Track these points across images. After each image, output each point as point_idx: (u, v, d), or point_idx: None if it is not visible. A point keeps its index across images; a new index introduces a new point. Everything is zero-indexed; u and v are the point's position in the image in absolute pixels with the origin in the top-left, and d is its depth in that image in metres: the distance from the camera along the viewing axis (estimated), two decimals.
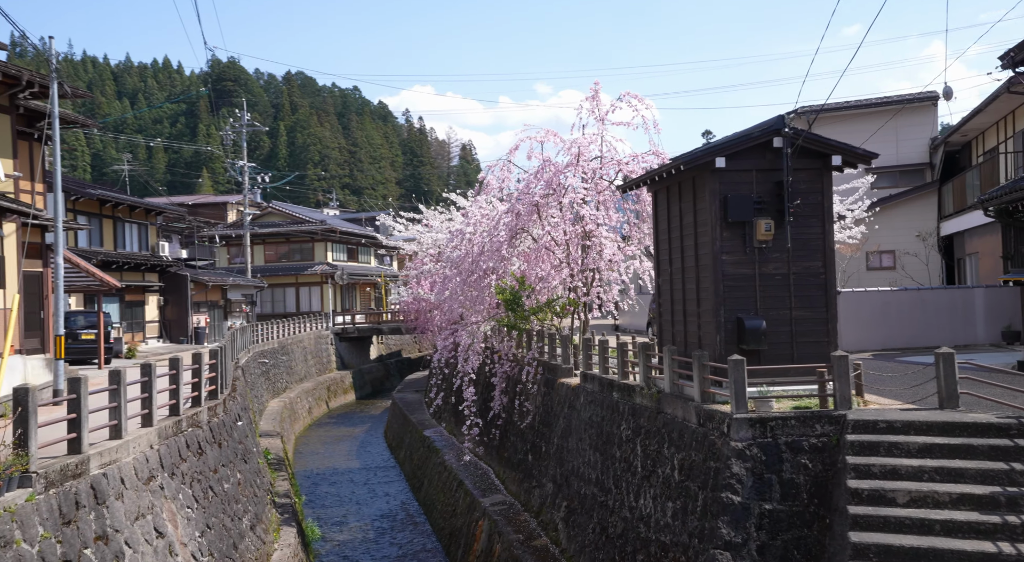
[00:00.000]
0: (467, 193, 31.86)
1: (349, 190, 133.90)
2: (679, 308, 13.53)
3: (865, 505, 8.94)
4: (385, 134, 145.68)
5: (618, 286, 20.19)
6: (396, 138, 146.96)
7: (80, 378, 11.19)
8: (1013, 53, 23.79)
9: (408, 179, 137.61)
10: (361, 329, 51.13)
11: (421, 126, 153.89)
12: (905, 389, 12.91)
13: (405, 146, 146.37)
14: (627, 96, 20.96)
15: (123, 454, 12.13)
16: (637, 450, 13.57)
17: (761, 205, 12.02)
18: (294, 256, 62.42)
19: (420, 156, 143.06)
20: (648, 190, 15.02)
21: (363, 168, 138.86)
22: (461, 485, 21.79)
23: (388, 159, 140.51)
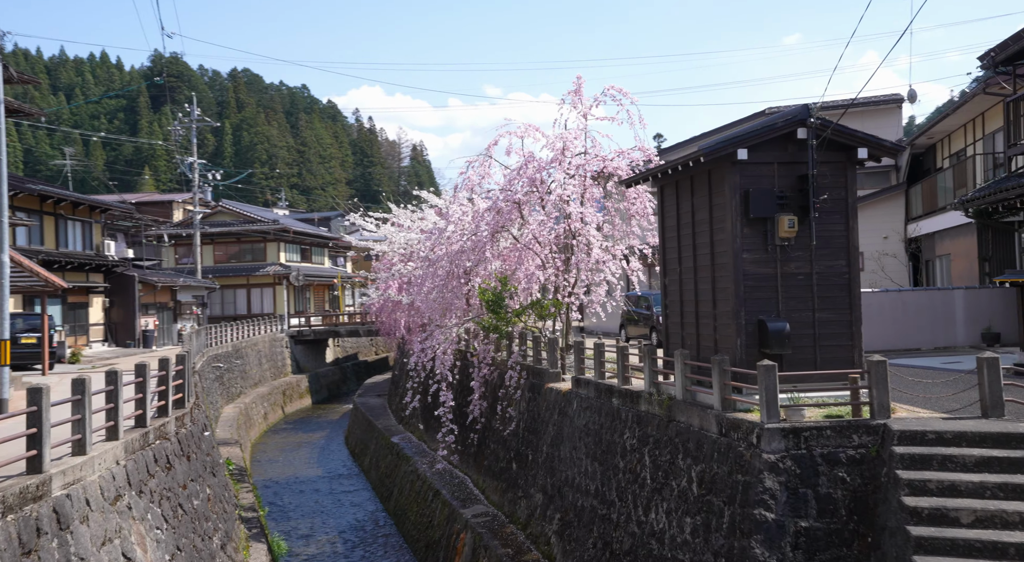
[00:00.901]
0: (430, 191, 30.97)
1: (298, 190, 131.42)
2: (691, 310, 12.78)
3: (926, 525, 8.22)
4: (335, 133, 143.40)
5: (604, 287, 19.40)
6: (346, 138, 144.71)
7: (42, 388, 10.00)
8: (994, 53, 23.60)
9: (358, 179, 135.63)
10: (317, 332, 49.68)
11: (371, 126, 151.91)
12: (918, 395, 12.33)
13: (355, 146, 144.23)
14: (611, 90, 20.17)
15: (88, 472, 10.94)
16: (645, 460, 12.76)
17: (783, 200, 11.31)
18: (245, 256, 60.61)
19: (370, 156, 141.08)
20: (652, 185, 14.26)
21: (312, 168, 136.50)
22: (438, 495, 20.80)
23: (338, 159, 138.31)
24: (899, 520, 8.51)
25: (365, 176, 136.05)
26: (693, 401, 11.94)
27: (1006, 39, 22.84)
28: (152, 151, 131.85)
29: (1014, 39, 22.00)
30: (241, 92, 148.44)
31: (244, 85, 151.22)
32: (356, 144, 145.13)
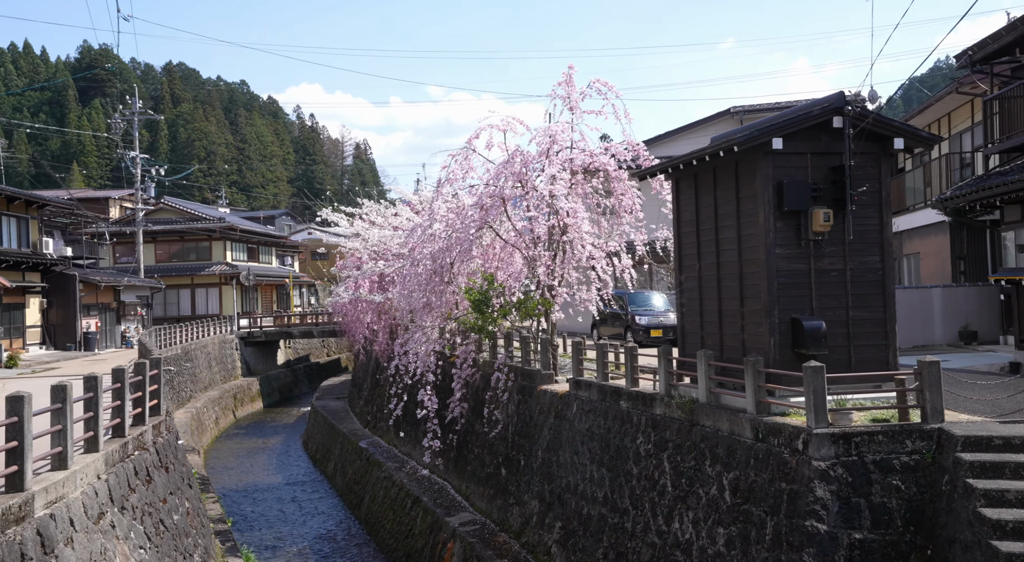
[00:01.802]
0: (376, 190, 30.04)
1: (237, 188, 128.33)
2: (712, 308, 12.20)
3: (1011, 540, 7.71)
4: (276, 131, 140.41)
5: (597, 285, 18.77)
6: (287, 135, 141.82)
7: (23, 396, 8.95)
8: (971, 52, 23.65)
9: (300, 177, 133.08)
10: (268, 333, 48.17)
11: (313, 124, 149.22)
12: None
13: (297, 144, 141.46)
14: (596, 83, 19.61)
15: (70, 488, 9.91)
16: (664, 467, 12.15)
17: (817, 193, 10.79)
18: (189, 255, 58.66)
19: (313, 154, 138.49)
20: (667, 179, 13.65)
21: (253, 165, 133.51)
22: (418, 502, 19.94)
23: (279, 156, 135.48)
24: (977, 534, 8.00)
25: (308, 174, 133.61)
26: (718, 404, 11.38)
27: (985, 38, 22.88)
28: (81, 146, 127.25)
29: (993, 38, 22.04)
30: (177, 86, 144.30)
31: (179, 79, 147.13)
32: (298, 142, 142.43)
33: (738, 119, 34.80)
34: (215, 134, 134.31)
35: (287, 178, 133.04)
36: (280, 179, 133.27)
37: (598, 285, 18.69)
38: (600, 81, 19.61)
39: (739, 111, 35.04)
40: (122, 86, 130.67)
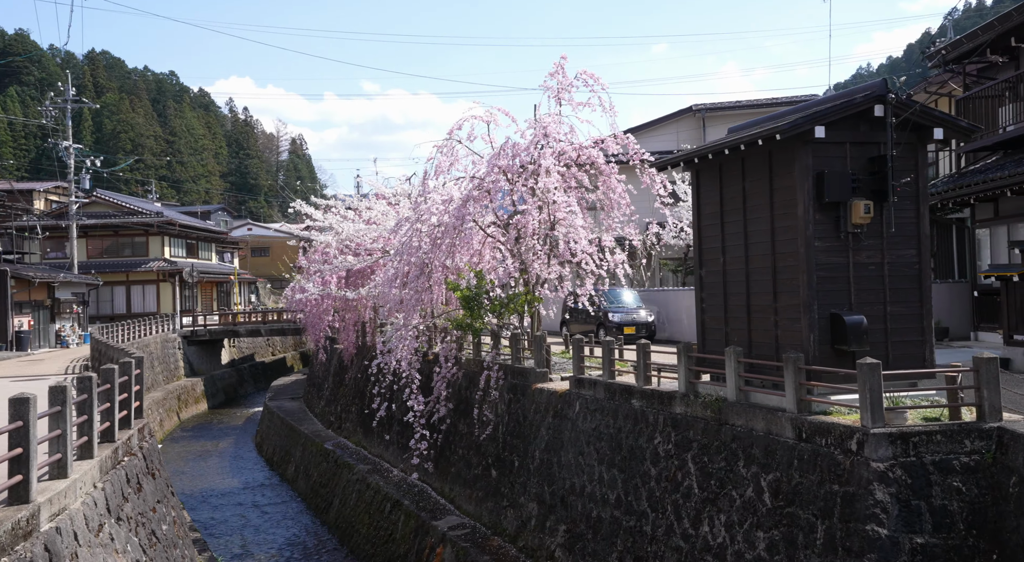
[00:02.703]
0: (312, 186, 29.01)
1: (167, 182, 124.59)
2: (739, 304, 11.83)
3: None
4: (208, 124, 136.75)
5: (591, 279, 18.31)
6: (220, 129, 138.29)
7: (28, 398, 8.07)
8: (944, 51, 23.93)
9: (234, 172, 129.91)
10: (213, 332, 46.53)
11: (247, 117, 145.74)
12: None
13: (230, 138, 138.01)
14: (583, 75, 19.18)
15: (71, 499, 9.05)
16: (689, 467, 11.74)
17: (856, 184, 10.50)
18: (124, 251, 56.47)
19: (247, 149, 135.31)
20: (685, 169, 13.25)
21: (183, 159, 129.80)
22: (398, 506, 19.23)
23: (211, 150, 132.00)
24: None
25: (241, 169, 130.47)
26: (747, 402, 11.02)
27: (958, 38, 23.16)
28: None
29: (968, 38, 22.30)
30: (100, 76, 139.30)
31: (103, 68, 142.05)
32: (231, 136, 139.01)
33: (700, 117, 34.88)
34: (143, 126, 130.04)
35: (220, 173, 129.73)
36: (212, 174, 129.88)
37: (591, 280, 18.24)
38: (587, 73, 19.20)
39: (701, 109, 35.10)
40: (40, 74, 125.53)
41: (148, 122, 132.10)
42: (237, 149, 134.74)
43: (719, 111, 35.08)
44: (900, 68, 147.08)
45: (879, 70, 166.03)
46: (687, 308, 26.90)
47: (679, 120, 35.23)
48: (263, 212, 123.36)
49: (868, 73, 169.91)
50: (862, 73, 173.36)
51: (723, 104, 36.00)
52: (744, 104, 36.03)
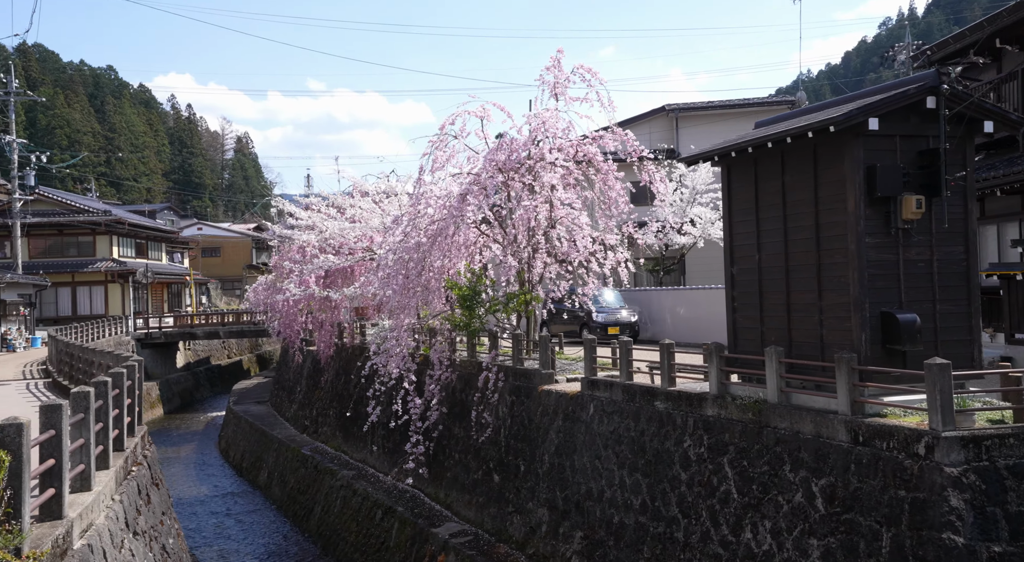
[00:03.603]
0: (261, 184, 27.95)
1: (106, 180, 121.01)
2: (778, 301, 11.51)
3: None
4: (149, 121, 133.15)
5: (594, 280, 17.92)
6: (162, 126, 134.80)
7: (61, 405, 7.34)
8: (930, 52, 24.07)
9: (177, 170, 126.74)
10: (168, 334, 45.00)
11: (190, 114, 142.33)
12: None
13: (173, 135, 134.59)
14: (580, 69, 18.81)
15: (96, 513, 8.33)
16: (725, 472, 11.39)
17: (908, 178, 10.26)
18: (69, 250, 54.39)
19: (191, 147, 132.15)
20: (716, 164, 12.90)
21: (124, 157, 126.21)
22: (391, 512, 18.59)
23: (153, 148, 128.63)
24: None
25: (185, 167, 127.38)
26: (789, 404, 10.71)
27: (946, 38, 23.31)
28: None
29: (956, 38, 22.45)
30: (33, 69, 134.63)
31: (36, 62, 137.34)
32: (174, 133, 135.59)
33: (672, 117, 34.81)
34: (80, 122, 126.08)
35: (162, 171, 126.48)
36: (155, 172, 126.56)
37: (594, 279, 17.86)
38: (584, 67, 18.83)
39: (674, 109, 35.03)
40: None
41: (85, 118, 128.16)
42: (180, 147, 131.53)
43: (692, 111, 35.08)
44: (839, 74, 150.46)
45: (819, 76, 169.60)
46: (670, 307, 26.73)
47: (652, 120, 35.12)
48: (208, 211, 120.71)
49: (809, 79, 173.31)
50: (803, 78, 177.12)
51: (696, 104, 36.01)
52: (716, 105, 36.07)
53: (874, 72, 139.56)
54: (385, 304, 19.12)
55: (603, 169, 18.38)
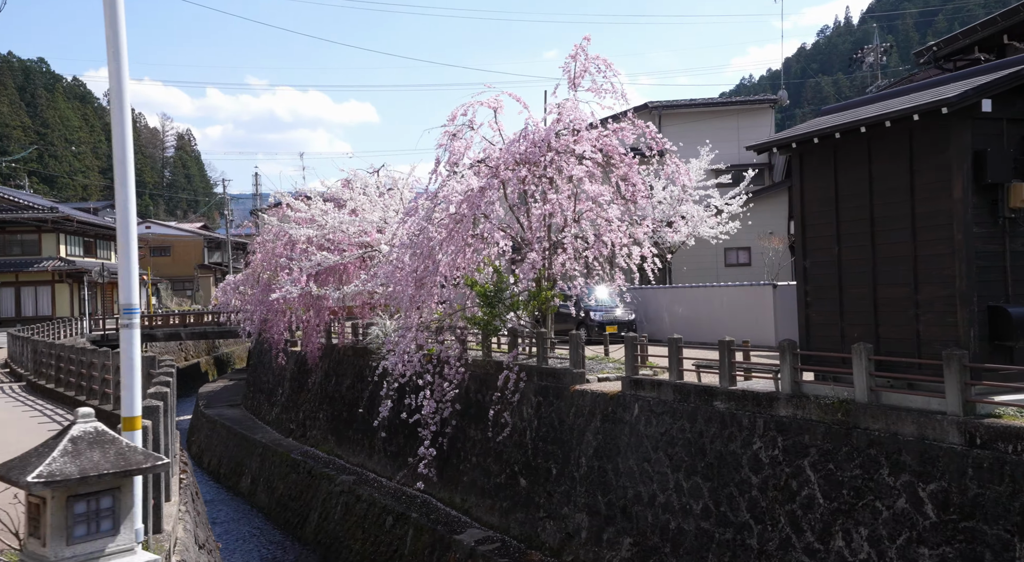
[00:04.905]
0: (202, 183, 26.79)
1: (39, 177, 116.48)
2: (862, 295, 10.99)
3: None
4: (84, 116, 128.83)
5: (620, 276, 17.28)
6: (98, 122, 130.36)
7: (159, 406, 6.41)
8: (936, 48, 24.01)
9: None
10: None
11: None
12: None
13: (110, 131, 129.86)
14: (596, 60, 18.24)
15: (179, 526, 7.37)
16: (807, 475, 10.83)
17: (1017, 163, 9.83)
18: (12, 249, 51.82)
19: None
20: (784, 153, 12.34)
21: (57, 153, 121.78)
22: (403, 518, 17.70)
23: (89, 144, 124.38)
24: None
25: None
26: (881, 404, 10.20)
27: (955, 34, 23.24)
28: None
29: (965, 34, 22.39)
30: None
31: None
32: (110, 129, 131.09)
33: (656, 114, 34.47)
34: (8, 116, 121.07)
35: (99, 168, 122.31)
36: (91, 169, 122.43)
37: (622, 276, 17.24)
38: (600, 58, 18.28)
39: (657, 106, 34.71)
40: None
41: (15, 112, 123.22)
42: None
43: (675, 109, 34.81)
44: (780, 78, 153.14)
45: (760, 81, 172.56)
46: (667, 306, 26.27)
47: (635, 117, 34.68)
48: (150, 211, 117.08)
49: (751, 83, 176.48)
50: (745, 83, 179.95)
51: (679, 101, 35.71)
52: (700, 102, 35.85)
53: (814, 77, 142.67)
54: (391, 301, 18.20)
55: (625, 162, 17.82)
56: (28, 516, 4.11)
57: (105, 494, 4.10)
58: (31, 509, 4.08)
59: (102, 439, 4.22)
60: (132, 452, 4.21)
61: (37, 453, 4.11)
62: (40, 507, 4.00)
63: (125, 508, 4.17)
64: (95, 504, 4.08)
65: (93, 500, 4.06)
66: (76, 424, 4.28)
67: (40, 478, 3.87)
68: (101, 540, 4.08)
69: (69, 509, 4.00)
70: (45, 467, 3.91)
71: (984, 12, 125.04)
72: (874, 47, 43.14)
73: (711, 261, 32.39)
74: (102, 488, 4.08)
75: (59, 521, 3.95)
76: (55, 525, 3.94)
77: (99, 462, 4.04)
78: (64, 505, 3.98)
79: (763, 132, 35.77)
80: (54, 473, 3.90)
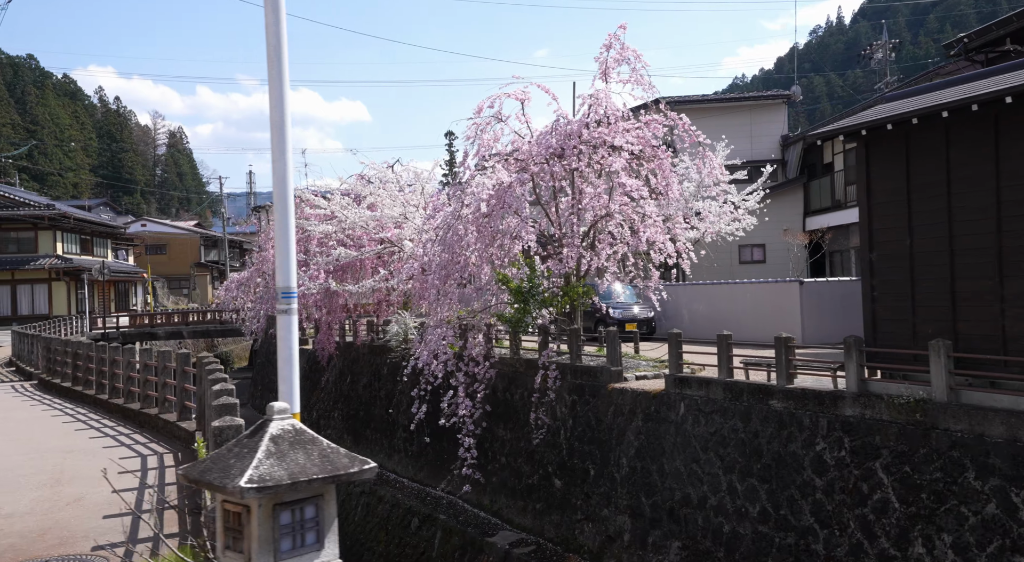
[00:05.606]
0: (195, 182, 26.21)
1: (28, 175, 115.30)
2: (937, 289, 10.54)
3: None
4: (75, 113, 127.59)
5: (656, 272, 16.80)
6: (89, 119, 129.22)
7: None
8: (967, 40, 23.56)
9: (106, 165, 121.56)
10: (128, 335, 42.33)
11: (119, 107, 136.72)
12: None
13: (101, 129, 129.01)
14: (625, 51, 17.79)
15: None
16: (879, 478, 10.38)
17: None
18: (8, 247, 51.12)
19: (121, 141, 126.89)
20: (850, 141, 11.87)
21: (47, 150, 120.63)
22: (430, 520, 17.19)
23: (80, 142, 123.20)
24: None
25: (115, 162, 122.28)
26: (961, 403, 9.74)
27: (988, 25, 22.79)
28: None
29: (999, 25, 21.97)
30: None
31: None
32: (102, 127, 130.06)
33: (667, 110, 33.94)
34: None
35: (90, 166, 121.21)
36: (81, 167, 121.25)
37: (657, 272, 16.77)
38: (629, 48, 17.84)
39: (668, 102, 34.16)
40: None
41: (4, 109, 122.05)
42: (109, 141, 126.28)
43: (686, 105, 34.31)
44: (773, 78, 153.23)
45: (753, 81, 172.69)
46: (686, 303, 25.80)
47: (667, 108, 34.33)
48: (142, 209, 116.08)
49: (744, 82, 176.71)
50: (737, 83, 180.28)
51: (690, 97, 35.27)
52: (711, 99, 35.44)
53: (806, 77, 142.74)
54: (418, 299, 17.67)
55: (658, 155, 17.37)
56: (224, 526, 3.59)
57: (308, 502, 3.59)
58: (229, 519, 3.56)
59: (302, 439, 3.72)
60: (336, 454, 3.71)
61: (232, 454, 3.60)
62: (242, 516, 3.48)
63: (328, 519, 3.66)
64: (299, 514, 3.57)
65: (298, 509, 3.56)
66: (272, 421, 3.77)
67: (252, 483, 3.35)
68: (306, 555, 3.58)
69: (276, 519, 3.48)
70: (253, 470, 3.40)
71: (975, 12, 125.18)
72: (882, 43, 42.75)
73: (725, 258, 31.94)
74: (307, 495, 3.57)
75: (266, 533, 3.44)
76: (262, 538, 3.43)
77: (305, 465, 3.54)
78: (271, 514, 3.46)
79: (776, 128, 35.39)
80: (264, 477, 3.38)
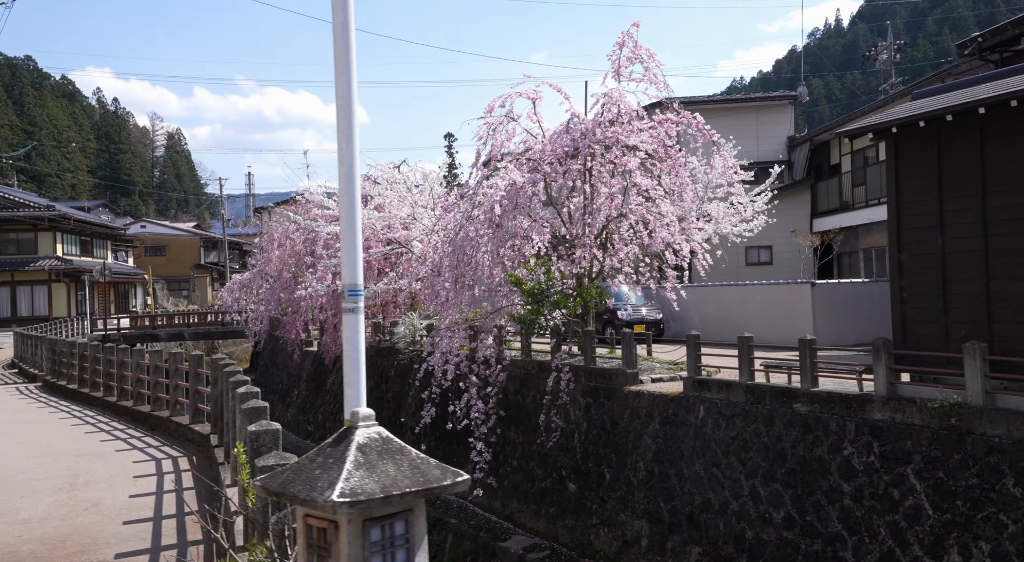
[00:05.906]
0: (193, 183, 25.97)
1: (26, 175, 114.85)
2: (971, 290, 10.30)
3: None
4: (73, 115, 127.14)
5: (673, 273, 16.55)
6: (87, 121, 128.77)
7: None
8: (981, 39, 23.30)
9: (104, 167, 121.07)
10: (129, 336, 41.95)
11: (117, 109, 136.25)
12: None
13: (99, 130, 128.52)
14: (639, 49, 17.58)
15: None
16: (911, 483, 10.12)
17: None
18: (8, 248, 50.76)
19: (119, 143, 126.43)
20: (880, 139, 11.62)
21: (45, 152, 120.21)
22: (441, 524, 16.96)
23: (78, 143, 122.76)
24: None
25: (113, 164, 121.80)
26: (998, 408, 9.50)
27: (1003, 23, 22.54)
28: None
29: (1014, 23, 21.71)
30: None
31: None
32: (100, 128, 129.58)
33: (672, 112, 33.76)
34: None
35: (88, 167, 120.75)
36: (79, 168, 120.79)
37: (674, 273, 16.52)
38: (642, 46, 17.62)
39: (685, 101, 33.99)
40: None
41: (2, 109, 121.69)
42: (108, 143, 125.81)
43: (694, 106, 34.06)
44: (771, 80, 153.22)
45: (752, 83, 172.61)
46: (695, 305, 25.53)
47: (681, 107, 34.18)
48: (139, 210, 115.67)
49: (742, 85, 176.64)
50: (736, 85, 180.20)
51: (698, 98, 35.04)
52: (718, 99, 35.26)
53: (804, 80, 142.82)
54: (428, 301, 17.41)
55: (671, 155, 17.15)
56: (307, 543, 3.31)
57: (398, 518, 3.31)
58: (314, 534, 3.27)
59: (390, 448, 3.44)
60: (426, 465, 3.43)
61: (316, 464, 3.32)
62: (328, 533, 3.20)
63: (419, 535, 3.38)
64: (390, 530, 3.29)
65: (388, 525, 3.28)
66: (358, 428, 3.48)
67: (344, 497, 3.07)
68: None
69: (366, 536, 3.20)
70: (344, 483, 3.12)
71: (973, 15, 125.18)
72: (887, 44, 42.56)
73: (732, 260, 31.68)
74: (397, 510, 3.29)
75: (356, 551, 3.16)
76: (352, 555, 3.16)
77: (396, 478, 3.26)
78: (361, 531, 3.18)
79: (783, 129, 35.16)
80: (356, 491, 3.11)
